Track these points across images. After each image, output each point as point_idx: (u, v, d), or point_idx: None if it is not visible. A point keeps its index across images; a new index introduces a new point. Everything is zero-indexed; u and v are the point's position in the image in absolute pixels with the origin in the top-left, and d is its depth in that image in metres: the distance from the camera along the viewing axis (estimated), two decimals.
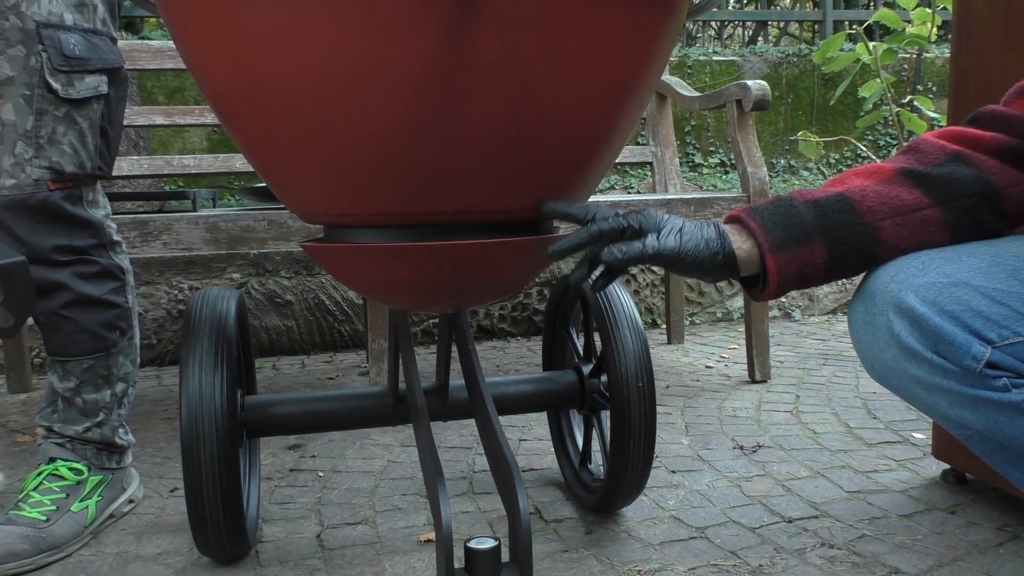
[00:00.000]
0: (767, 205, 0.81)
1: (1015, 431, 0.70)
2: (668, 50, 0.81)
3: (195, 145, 3.12)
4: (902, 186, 0.79)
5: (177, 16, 0.75)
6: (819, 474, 1.43)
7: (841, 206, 0.78)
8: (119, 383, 1.29)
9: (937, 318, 0.70)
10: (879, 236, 0.77)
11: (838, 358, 2.32)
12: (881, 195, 0.78)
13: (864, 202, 0.78)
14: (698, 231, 0.79)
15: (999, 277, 0.71)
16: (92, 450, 1.28)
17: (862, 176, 0.81)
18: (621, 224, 0.79)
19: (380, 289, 0.83)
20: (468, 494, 1.38)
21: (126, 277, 1.30)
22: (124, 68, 1.26)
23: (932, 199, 0.78)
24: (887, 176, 0.80)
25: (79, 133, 1.18)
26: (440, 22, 0.65)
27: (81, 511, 1.22)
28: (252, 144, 0.79)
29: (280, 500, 1.37)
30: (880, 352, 0.75)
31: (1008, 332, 0.70)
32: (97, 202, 1.26)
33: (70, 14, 1.16)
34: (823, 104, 3.90)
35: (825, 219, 0.78)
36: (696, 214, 1.96)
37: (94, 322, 1.23)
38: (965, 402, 0.71)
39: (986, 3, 1.20)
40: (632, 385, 1.16)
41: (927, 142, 0.83)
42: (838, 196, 0.79)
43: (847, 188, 0.80)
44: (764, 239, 0.78)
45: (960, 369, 0.70)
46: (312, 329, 2.54)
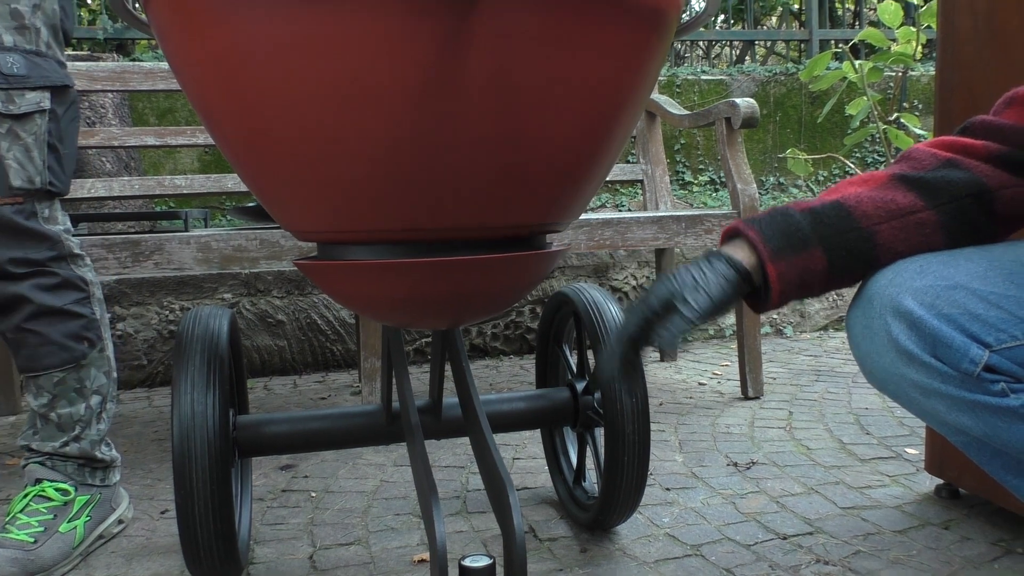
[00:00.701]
0: (764, 215, 0.81)
1: (1012, 437, 0.70)
2: (658, 67, 0.82)
3: (187, 165, 3.12)
4: (896, 190, 0.79)
5: (170, 35, 0.75)
6: (813, 490, 1.43)
7: (837, 212, 0.79)
8: (94, 396, 1.28)
9: (935, 321, 0.70)
10: (876, 240, 0.78)
11: (830, 374, 2.32)
12: (876, 200, 0.79)
13: (859, 207, 0.78)
14: (711, 273, 0.78)
15: (996, 281, 0.71)
16: (73, 466, 1.27)
17: (856, 184, 0.82)
18: (646, 315, 0.78)
19: (374, 306, 0.83)
20: (462, 513, 1.37)
21: (91, 289, 1.30)
22: (72, 89, 1.29)
23: (926, 201, 0.78)
24: (881, 182, 0.81)
25: (24, 148, 1.20)
26: (432, 39, 0.66)
27: (69, 532, 1.21)
28: (245, 162, 0.79)
29: (272, 521, 1.36)
30: (878, 356, 0.75)
31: (1006, 336, 0.69)
32: (55, 218, 1.26)
33: (10, 36, 1.19)
34: (811, 122, 3.93)
35: (822, 226, 0.78)
36: (687, 231, 1.97)
37: (59, 334, 1.23)
38: (963, 407, 0.71)
39: (969, 20, 1.22)
40: (625, 402, 1.16)
41: (919, 150, 0.84)
42: (834, 203, 0.80)
43: (842, 195, 0.80)
44: (763, 247, 0.78)
45: (958, 373, 0.70)
46: (304, 349, 2.53)
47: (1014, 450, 0.72)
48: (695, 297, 0.76)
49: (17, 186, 1.19)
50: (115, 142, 2.11)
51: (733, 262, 0.79)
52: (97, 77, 2.01)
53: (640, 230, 1.94)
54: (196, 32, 0.71)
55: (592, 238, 1.90)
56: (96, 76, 2.01)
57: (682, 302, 0.77)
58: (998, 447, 0.73)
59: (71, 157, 1.30)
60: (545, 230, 0.85)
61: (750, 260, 0.79)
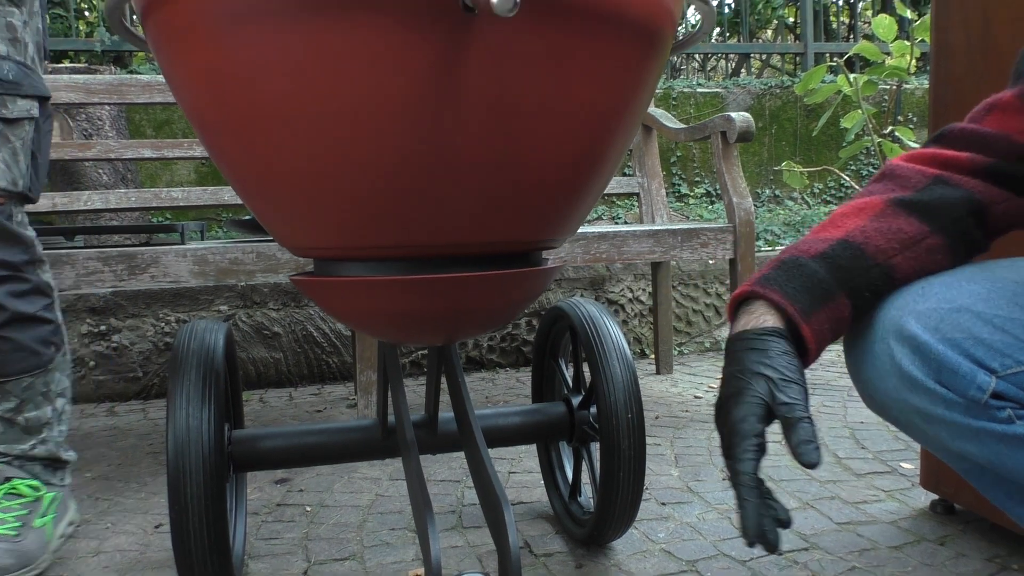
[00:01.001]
0: (777, 272, 0.77)
1: (1018, 464, 0.68)
2: (654, 83, 0.83)
3: (183, 177, 3.12)
4: (898, 217, 0.77)
5: (166, 51, 0.75)
6: (809, 505, 1.43)
7: (850, 252, 0.76)
8: (58, 399, 1.32)
9: (940, 346, 0.68)
10: (894, 274, 0.76)
11: (826, 387, 2.32)
12: (883, 232, 0.76)
13: (870, 243, 0.76)
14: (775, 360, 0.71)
15: (999, 304, 0.69)
16: (39, 466, 1.30)
17: (853, 216, 0.79)
18: (752, 447, 0.69)
19: (370, 322, 0.83)
20: (457, 528, 1.37)
21: (54, 294, 1.34)
22: (49, 102, 1.33)
23: (931, 226, 0.76)
24: (879, 210, 0.78)
25: (12, 151, 1.23)
26: (429, 57, 0.66)
27: (41, 527, 1.25)
28: (241, 178, 0.79)
29: (267, 535, 1.36)
30: (879, 381, 0.73)
31: (1011, 361, 0.67)
32: (25, 224, 1.29)
33: (4, 46, 1.22)
34: (806, 135, 3.94)
35: (840, 270, 0.75)
36: (683, 244, 1.97)
37: (31, 339, 1.26)
38: (967, 434, 0.69)
39: (963, 36, 1.23)
40: (621, 417, 1.16)
41: (903, 167, 0.81)
42: (843, 243, 0.76)
43: (847, 232, 0.77)
44: (793, 309, 0.74)
45: (964, 400, 0.68)
46: (300, 361, 2.52)
47: (1018, 477, 0.70)
48: (790, 395, 0.70)
49: (2, 187, 1.21)
50: (112, 154, 2.11)
51: (777, 332, 0.73)
52: (94, 90, 2.01)
53: (636, 244, 1.94)
54: (192, 49, 0.71)
55: (588, 252, 1.90)
56: (93, 89, 2.01)
57: (788, 409, 0.69)
58: (1002, 474, 0.71)
59: (44, 167, 1.34)
60: (542, 246, 0.85)
61: (779, 324, 0.74)
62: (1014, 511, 0.75)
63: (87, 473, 1.71)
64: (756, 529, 0.67)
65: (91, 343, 2.36)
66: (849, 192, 3.96)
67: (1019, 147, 0.77)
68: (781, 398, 0.69)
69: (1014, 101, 0.78)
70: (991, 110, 0.80)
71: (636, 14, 0.73)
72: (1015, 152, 0.77)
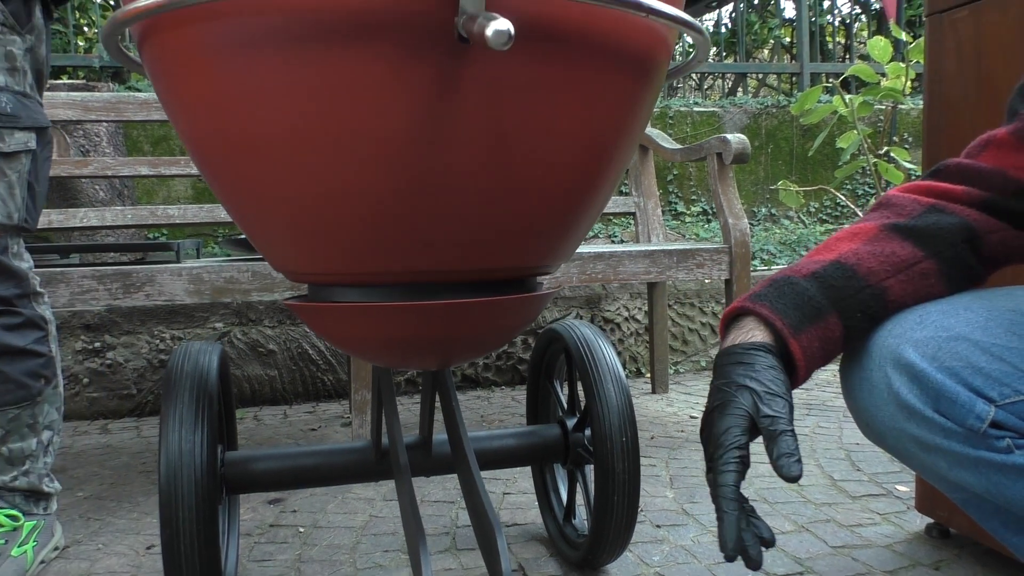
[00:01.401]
0: (768, 289, 0.76)
1: (1016, 494, 0.68)
2: (649, 110, 0.83)
3: (180, 194, 3.12)
4: (891, 241, 0.77)
5: (163, 76, 0.75)
6: (804, 528, 1.42)
7: (842, 273, 0.75)
8: (45, 431, 1.32)
9: (939, 375, 0.67)
10: (887, 296, 0.75)
11: (821, 408, 2.32)
12: (876, 255, 0.76)
13: (862, 264, 0.76)
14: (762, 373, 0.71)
15: (997, 332, 0.69)
16: (20, 497, 1.30)
17: (846, 240, 0.79)
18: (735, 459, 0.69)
19: (365, 347, 0.83)
20: (451, 550, 1.36)
21: (49, 327, 1.33)
22: (49, 130, 1.33)
23: (925, 251, 0.76)
24: (872, 235, 0.78)
25: (8, 185, 1.23)
26: (424, 86, 0.66)
27: (21, 556, 1.25)
28: (236, 204, 0.80)
29: (259, 557, 1.35)
30: (876, 410, 0.73)
31: (1009, 391, 0.67)
32: (21, 255, 1.30)
33: (2, 76, 1.22)
34: (802, 154, 3.96)
35: (831, 289, 0.75)
36: (679, 264, 1.98)
37: (19, 372, 1.26)
38: (966, 463, 0.68)
39: (955, 63, 1.24)
40: (616, 440, 1.16)
41: (899, 197, 0.82)
42: (835, 264, 0.76)
43: (839, 255, 0.77)
44: (782, 324, 0.73)
45: (963, 429, 0.67)
46: (295, 379, 2.52)
47: (1017, 507, 0.69)
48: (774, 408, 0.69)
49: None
50: (109, 171, 2.12)
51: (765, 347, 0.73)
52: (92, 107, 2.02)
53: (632, 264, 1.94)
54: (189, 75, 0.72)
55: (584, 271, 1.90)
56: (91, 106, 2.02)
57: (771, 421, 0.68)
58: (1000, 504, 0.71)
59: (43, 195, 1.34)
60: (536, 272, 0.85)
61: (769, 340, 0.74)
62: (1011, 541, 0.74)
63: (79, 492, 1.70)
64: (735, 543, 0.66)
65: (85, 360, 2.35)
66: (845, 211, 3.98)
67: (1014, 182, 0.78)
68: (765, 411, 0.69)
69: (1009, 138, 0.79)
70: (987, 146, 0.81)
71: (631, 44, 0.73)
72: (1010, 187, 0.78)
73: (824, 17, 4.60)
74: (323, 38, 0.65)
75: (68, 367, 2.34)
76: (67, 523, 1.51)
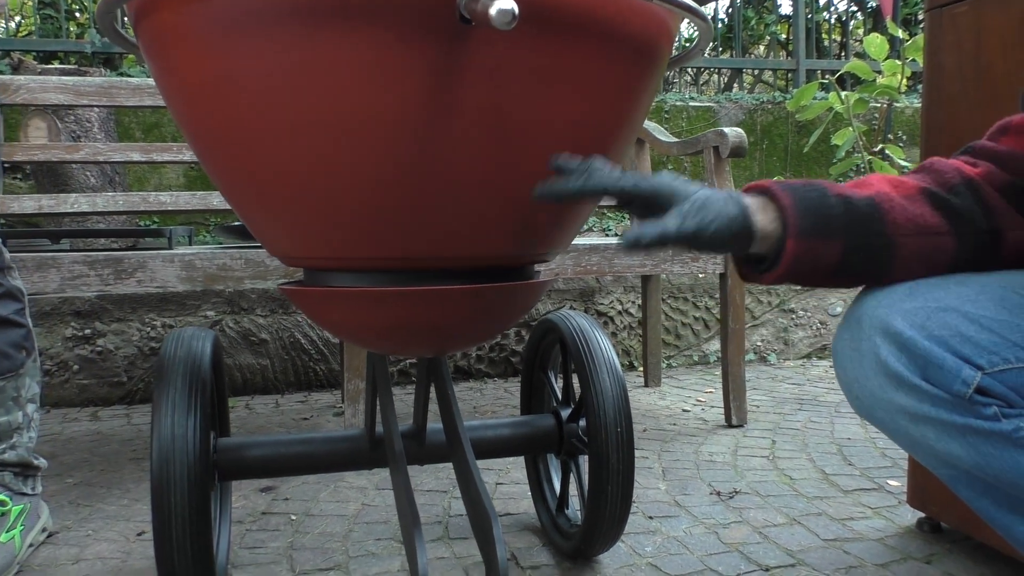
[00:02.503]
0: (800, 185, 0.75)
1: (1005, 465, 0.68)
2: (649, 99, 0.83)
3: (172, 181, 3.10)
4: (925, 205, 0.76)
5: (159, 57, 0.75)
6: (795, 521, 1.43)
7: (870, 212, 0.74)
8: (29, 404, 1.32)
9: (926, 342, 0.68)
10: (897, 251, 0.74)
11: (814, 403, 2.32)
12: (907, 210, 0.75)
13: (891, 213, 0.74)
14: (722, 208, 0.72)
15: (987, 305, 0.69)
16: (10, 475, 1.29)
17: (887, 184, 0.77)
18: (624, 188, 0.72)
19: (360, 334, 0.82)
20: (444, 539, 1.36)
21: (25, 299, 1.33)
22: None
23: (951, 227, 0.75)
24: (911, 193, 0.77)
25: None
26: (424, 71, 0.66)
27: (9, 542, 1.24)
28: (232, 187, 0.79)
29: (251, 544, 1.34)
30: (865, 380, 0.73)
31: (998, 359, 0.67)
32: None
33: None
34: (797, 151, 3.97)
35: (852, 220, 0.73)
36: (673, 257, 1.98)
37: (2, 342, 1.25)
38: (953, 432, 0.69)
39: (955, 61, 1.24)
40: (611, 431, 1.16)
41: (942, 163, 0.80)
42: (868, 200, 0.75)
43: (876, 192, 0.76)
44: (794, 220, 0.72)
45: (949, 396, 0.67)
46: (287, 368, 2.51)
47: (1005, 481, 0.69)
48: (689, 220, 0.71)
49: None
50: (100, 157, 2.10)
51: (750, 220, 0.72)
52: (83, 92, 2.00)
53: (627, 256, 1.94)
54: (185, 56, 0.71)
55: (579, 264, 1.90)
56: (82, 91, 2.00)
57: (677, 211, 0.71)
58: (988, 478, 0.71)
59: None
60: (533, 260, 0.85)
61: (769, 227, 0.73)
62: (1001, 521, 0.74)
63: (68, 479, 1.69)
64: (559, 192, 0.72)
65: (75, 347, 2.34)
66: None
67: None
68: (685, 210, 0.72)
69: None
70: (1005, 131, 0.80)
71: (634, 30, 0.73)
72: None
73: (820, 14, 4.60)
74: (323, 18, 0.64)
75: (58, 353, 2.33)
76: (56, 509, 1.50)
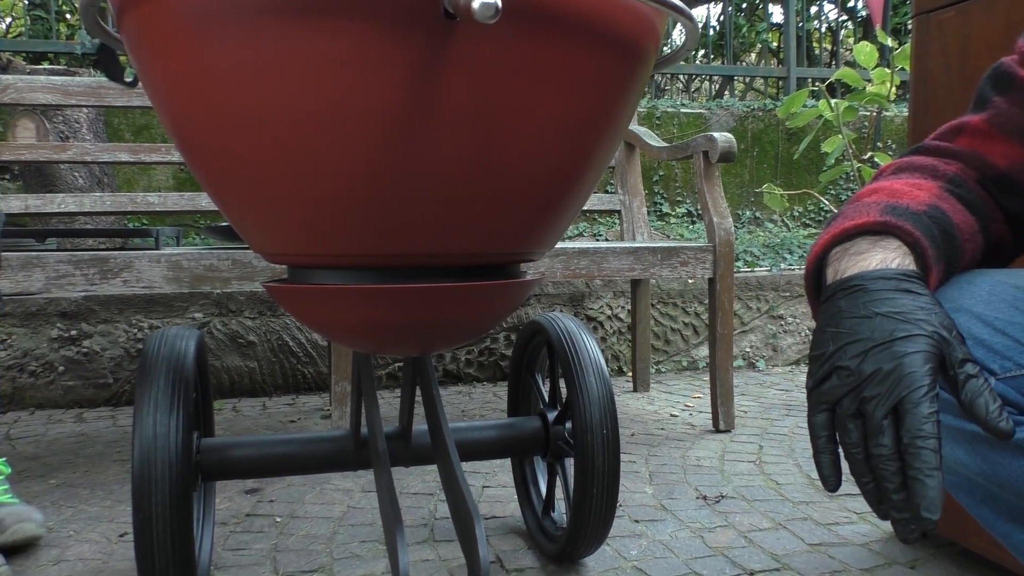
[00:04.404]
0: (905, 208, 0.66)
1: (1012, 473, 0.65)
2: (635, 99, 0.83)
3: (161, 182, 3.09)
4: (958, 204, 0.72)
5: (142, 52, 0.74)
6: (781, 526, 1.42)
7: (946, 221, 0.68)
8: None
9: None
10: (963, 257, 0.70)
11: (801, 409, 2.33)
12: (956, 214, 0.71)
13: (955, 216, 0.69)
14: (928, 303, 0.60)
15: (1000, 307, 0.67)
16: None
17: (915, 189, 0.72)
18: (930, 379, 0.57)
19: (344, 332, 0.82)
20: (429, 541, 1.35)
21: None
22: None
23: (979, 224, 0.73)
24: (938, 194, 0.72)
25: None
26: (409, 64, 0.65)
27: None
28: (215, 182, 0.78)
29: (235, 546, 1.33)
30: None
31: (1011, 364, 0.65)
32: None
33: None
34: (787, 158, 3.98)
35: (944, 235, 0.68)
36: (663, 262, 1.98)
37: None
38: (960, 439, 0.66)
39: (942, 65, 1.24)
40: (596, 433, 1.15)
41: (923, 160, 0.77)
42: (937, 210, 0.69)
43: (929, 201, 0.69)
44: (930, 252, 0.65)
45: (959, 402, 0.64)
46: (275, 370, 2.50)
47: (1011, 490, 0.67)
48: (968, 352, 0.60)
49: None
50: (88, 157, 2.09)
51: (922, 278, 0.63)
52: (72, 92, 1.99)
53: (616, 260, 1.94)
54: (168, 49, 0.70)
55: (568, 267, 1.90)
56: (71, 91, 1.99)
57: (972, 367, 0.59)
58: (994, 487, 0.69)
59: None
60: (519, 259, 0.84)
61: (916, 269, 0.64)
62: (1000, 529, 0.72)
63: (51, 480, 1.67)
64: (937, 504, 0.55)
65: (61, 348, 2.32)
66: (828, 216, 4.00)
67: (993, 168, 0.76)
68: (959, 354, 0.58)
69: (984, 126, 0.77)
70: (960, 132, 0.78)
71: (620, 28, 0.73)
72: (990, 173, 0.76)
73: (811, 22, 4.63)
74: (304, 12, 0.64)
75: (43, 354, 2.31)
76: (38, 510, 1.49)
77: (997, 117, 0.76)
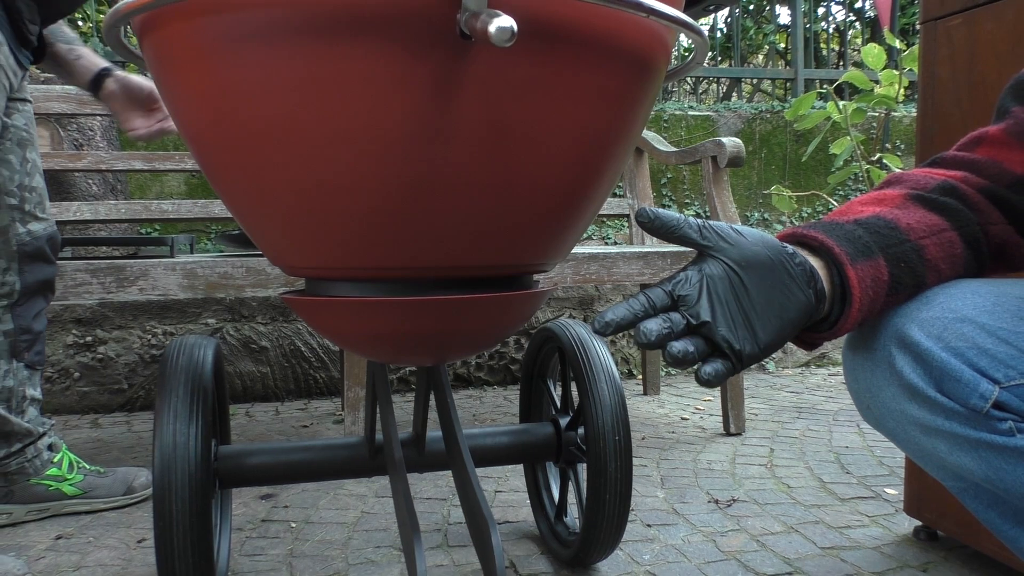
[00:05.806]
0: (816, 222, 0.73)
1: (1017, 479, 0.66)
2: (647, 111, 0.84)
3: (174, 190, 3.12)
4: (918, 209, 0.74)
5: (165, 70, 0.76)
6: (793, 529, 1.43)
7: (884, 224, 0.72)
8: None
9: (943, 354, 0.66)
10: (924, 254, 0.72)
11: (812, 411, 2.33)
12: (910, 215, 0.73)
13: (901, 220, 0.73)
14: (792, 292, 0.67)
15: (1004, 317, 0.68)
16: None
17: (872, 204, 0.76)
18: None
19: (361, 343, 0.83)
20: (443, 547, 1.36)
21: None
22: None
23: (950, 222, 0.74)
24: (898, 202, 0.76)
25: None
26: (425, 82, 0.67)
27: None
28: (234, 197, 0.80)
29: (251, 552, 1.35)
30: (879, 390, 0.71)
31: (1015, 373, 0.66)
32: None
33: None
34: (795, 159, 3.98)
35: (877, 235, 0.71)
36: (672, 267, 1.99)
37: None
38: (966, 446, 0.67)
39: (949, 70, 1.25)
40: (609, 439, 1.17)
41: (910, 173, 0.80)
42: (876, 217, 0.73)
43: (875, 210, 0.74)
44: (840, 250, 0.69)
45: (965, 409, 0.66)
46: (287, 376, 2.52)
47: (1016, 495, 0.68)
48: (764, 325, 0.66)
49: None
50: (102, 165, 2.11)
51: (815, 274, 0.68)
52: (86, 101, 2.01)
53: (626, 265, 1.95)
54: (190, 68, 0.72)
55: (578, 272, 1.91)
56: (85, 100, 2.01)
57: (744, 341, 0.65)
58: (999, 492, 0.70)
59: None
60: (533, 270, 0.86)
61: (821, 272, 0.69)
62: (1007, 533, 0.73)
63: None
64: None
65: (76, 354, 2.35)
66: None
67: (1010, 174, 0.77)
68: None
69: (1002, 135, 0.79)
70: (980, 143, 0.80)
71: (631, 44, 0.74)
72: (1007, 179, 0.77)
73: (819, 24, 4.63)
74: (325, 33, 0.65)
75: (59, 361, 2.33)
76: (57, 517, 1.51)
77: (1016, 127, 0.78)
